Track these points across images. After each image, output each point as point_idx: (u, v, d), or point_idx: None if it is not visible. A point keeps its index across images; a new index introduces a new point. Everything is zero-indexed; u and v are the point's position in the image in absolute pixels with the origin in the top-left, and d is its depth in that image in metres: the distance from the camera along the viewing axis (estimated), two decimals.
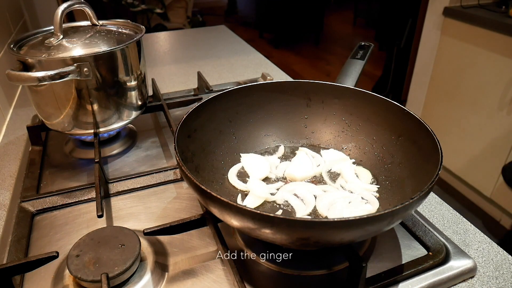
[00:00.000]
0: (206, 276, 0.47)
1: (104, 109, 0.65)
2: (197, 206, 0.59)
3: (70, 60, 0.58)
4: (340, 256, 0.49)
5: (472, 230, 0.55)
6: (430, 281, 0.46)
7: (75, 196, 0.61)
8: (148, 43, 1.41)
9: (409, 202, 0.38)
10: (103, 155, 0.72)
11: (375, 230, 0.40)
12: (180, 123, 0.53)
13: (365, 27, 5.08)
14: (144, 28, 0.71)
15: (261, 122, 0.66)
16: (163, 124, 0.83)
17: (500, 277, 0.48)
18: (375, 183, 0.58)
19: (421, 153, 0.52)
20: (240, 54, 1.27)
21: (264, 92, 0.65)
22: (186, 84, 1.04)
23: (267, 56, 1.27)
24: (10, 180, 0.66)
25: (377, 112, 0.60)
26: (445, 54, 1.96)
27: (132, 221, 0.57)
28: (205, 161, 0.58)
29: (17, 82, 0.55)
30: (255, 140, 0.66)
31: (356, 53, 0.70)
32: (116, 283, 0.44)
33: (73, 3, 0.64)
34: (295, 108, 0.66)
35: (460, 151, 1.96)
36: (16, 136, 0.80)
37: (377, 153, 0.60)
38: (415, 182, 0.50)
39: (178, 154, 0.46)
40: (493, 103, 1.74)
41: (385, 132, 0.59)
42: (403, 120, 0.56)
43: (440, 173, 0.43)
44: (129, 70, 0.66)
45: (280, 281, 0.47)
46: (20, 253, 0.51)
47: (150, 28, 2.92)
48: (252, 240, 0.51)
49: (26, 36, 0.66)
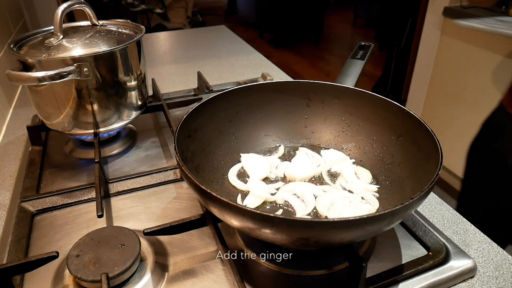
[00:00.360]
0: (206, 276, 0.47)
1: (104, 109, 0.65)
2: (197, 206, 0.59)
3: (70, 60, 0.58)
4: (340, 256, 0.49)
5: (472, 230, 0.55)
6: (430, 281, 0.46)
7: (75, 196, 0.61)
8: (148, 43, 1.41)
9: (409, 202, 0.38)
10: (103, 155, 0.72)
11: (375, 230, 0.40)
12: (180, 123, 0.53)
13: (365, 27, 5.08)
14: (144, 28, 0.71)
15: (261, 122, 0.66)
16: (163, 124, 0.83)
17: (500, 277, 0.48)
18: (375, 183, 0.58)
19: (421, 153, 0.52)
20: (240, 54, 1.27)
21: (264, 92, 0.65)
22: (186, 84, 1.04)
23: (267, 56, 1.27)
24: (10, 180, 0.66)
25: (377, 112, 0.60)
26: (445, 54, 1.96)
27: (132, 221, 0.57)
28: (205, 161, 0.58)
29: (17, 82, 0.55)
30: (255, 140, 0.66)
31: (356, 53, 0.70)
32: (116, 283, 0.44)
33: (73, 3, 0.64)
34: (295, 108, 0.66)
35: (460, 151, 1.96)
36: (16, 136, 0.81)
37: (377, 153, 0.60)
38: (415, 182, 0.50)
39: (178, 154, 0.46)
40: (493, 103, 1.74)
41: (385, 132, 0.59)
42: (403, 120, 0.56)
43: (440, 173, 0.43)
44: (129, 70, 0.66)
45: (280, 281, 0.47)
46: (20, 253, 0.51)
47: (150, 28, 2.92)
48: (252, 240, 0.51)
49: (26, 36, 0.66)
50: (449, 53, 1.94)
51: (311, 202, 0.54)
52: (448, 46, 1.93)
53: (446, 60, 1.96)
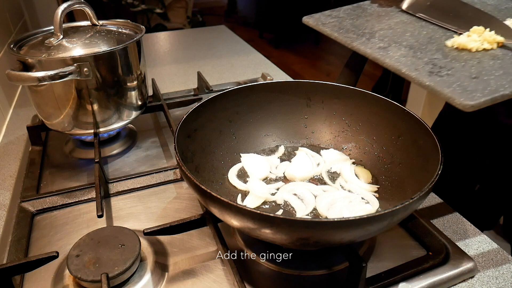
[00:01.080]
0: (206, 276, 0.47)
1: (104, 109, 0.65)
2: (197, 206, 0.59)
3: (70, 60, 0.58)
4: (340, 256, 0.49)
5: (472, 230, 0.55)
6: (430, 281, 0.46)
7: (75, 196, 0.61)
8: (148, 43, 1.41)
9: (409, 202, 0.38)
10: (103, 155, 0.72)
11: (375, 230, 0.40)
12: (180, 123, 0.53)
13: None
14: (144, 28, 0.71)
15: (261, 122, 0.66)
16: (163, 124, 0.83)
17: (500, 277, 0.48)
18: (375, 183, 0.58)
19: (421, 153, 0.52)
20: (240, 54, 1.27)
21: (264, 92, 0.65)
22: (186, 84, 1.04)
23: (267, 56, 1.27)
24: (10, 180, 0.66)
25: (377, 112, 0.60)
26: None
27: (132, 221, 0.57)
28: (205, 161, 0.58)
29: (17, 82, 0.55)
30: (255, 140, 0.66)
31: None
32: (116, 283, 0.44)
33: (73, 3, 0.64)
34: (295, 108, 0.66)
35: None
36: (16, 136, 0.81)
37: (377, 153, 0.60)
38: (415, 182, 0.50)
39: (178, 154, 0.46)
40: None
41: (385, 132, 0.59)
42: (403, 120, 0.56)
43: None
44: (129, 70, 0.66)
45: (280, 281, 0.47)
46: (20, 253, 0.51)
47: (150, 28, 2.92)
48: (252, 240, 0.51)
49: (26, 36, 0.66)
50: None
51: (311, 202, 0.54)
52: None
53: None
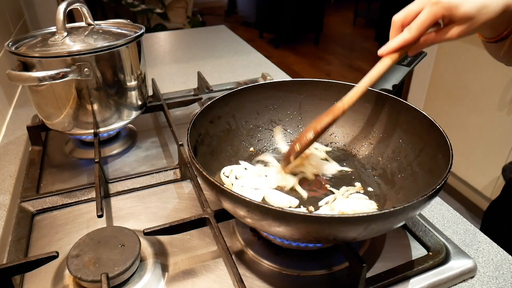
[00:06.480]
0: (206, 276, 0.47)
1: (104, 109, 0.65)
2: (197, 206, 0.59)
3: (70, 60, 0.58)
4: (340, 256, 0.49)
5: (472, 230, 0.55)
6: (430, 281, 0.46)
7: (75, 196, 0.61)
8: (148, 43, 1.41)
9: (418, 200, 0.38)
10: (103, 155, 0.72)
11: (387, 227, 0.40)
12: (204, 107, 0.55)
13: (365, 27, 5.08)
14: (144, 28, 0.71)
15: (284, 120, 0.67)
16: (163, 124, 0.83)
17: (500, 277, 0.48)
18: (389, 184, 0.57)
19: (430, 149, 0.52)
20: (240, 54, 1.27)
21: (294, 88, 0.65)
22: (186, 84, 1.04)
23: (267, 56, 1.27)
24: (10, 180, 0.66)
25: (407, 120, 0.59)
26: (445, 54, 1.96)
27: (132, 221, 0.57)
28: (220, 148, 0.59)
29: (17, 82, 0.55)
30: (271, 140, 0.66)
31: (403, 59, 0.69)
32: (116, 283, 0.44)
33: (73, 1, 0.64)
34: (326, 108, 0.65)
35: (460, 151, 1.96)
36: (16, 136, 0.81)
37: (393, 156, 0.59)
38: (429, 178, 0.49)
39: (189, 143, 0.48)
40: (493, 103, 1.74)
41: (410, 142, 0.58)
42: (428, 132, 0.54)
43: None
44: (129, 70, 0.66)
45: (280, 281, 0.47)
46: (20, 253, 0.51)
47: (150, 28, 2.92)
48: (252, 240, 0.51)
49: (26, 37, 0.66)
50: (449, 53, 1.94)
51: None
52: (448, 46, 1.93)
53: (446, 60, 1.96)
